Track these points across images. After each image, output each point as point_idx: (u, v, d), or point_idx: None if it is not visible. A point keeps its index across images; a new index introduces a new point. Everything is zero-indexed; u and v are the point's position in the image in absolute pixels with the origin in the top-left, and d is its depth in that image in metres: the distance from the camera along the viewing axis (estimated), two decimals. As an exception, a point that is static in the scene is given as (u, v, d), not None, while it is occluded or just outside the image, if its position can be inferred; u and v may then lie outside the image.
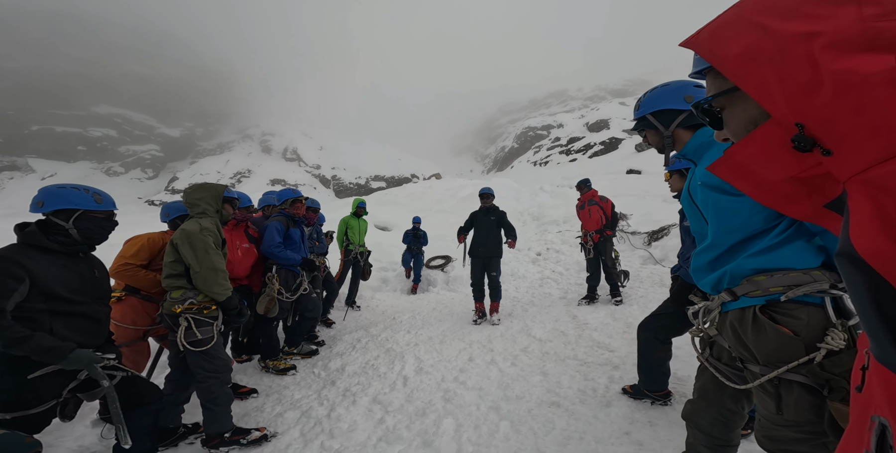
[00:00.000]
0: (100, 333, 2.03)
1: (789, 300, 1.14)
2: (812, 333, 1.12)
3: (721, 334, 1.39)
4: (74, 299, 1.86)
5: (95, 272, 2.01)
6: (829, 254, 1.17)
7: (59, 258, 1.84)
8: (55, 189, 1.91)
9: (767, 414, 1.24)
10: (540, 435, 2.39)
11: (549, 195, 13.50)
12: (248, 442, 2.48)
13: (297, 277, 3.73)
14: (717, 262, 1.31)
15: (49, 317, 1.77)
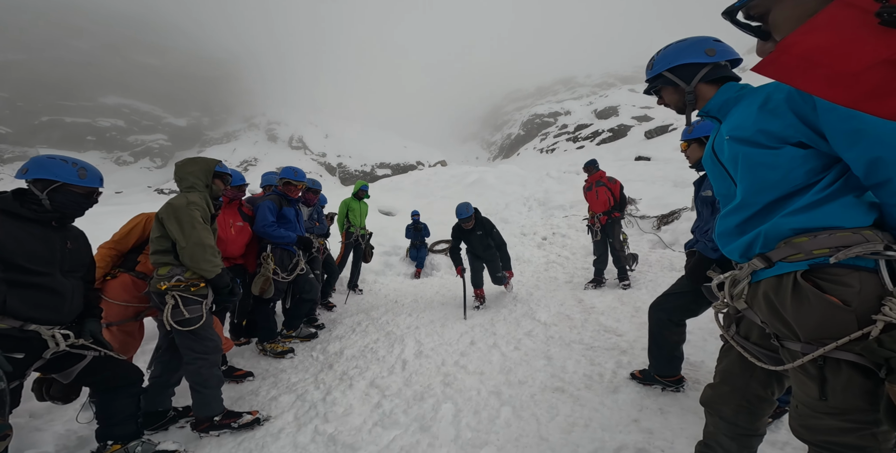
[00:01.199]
0: (63, 308, 1.87)
1: (838, 264, 0.97)
2: (866, 303, 0.95)
3: (752, 308, 1.21)
4: (36, 270, 1.73)
5: (68, 243, 1.89)
6: (882, 211, 1.00)
7: (29, 225, 1.75)
8: (43, 159, 1.84)
9: (807, 399, 1.07)
10: (543, 422, 2.28)
11: (556, 181, 13.21)
12: (239, 426, 2.40)
13: (294, 257, 3.61)
14: (748, 224, 1.14)
15: (4, 289, 1.65)
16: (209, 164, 2.48)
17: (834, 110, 0.92)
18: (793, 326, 1.07)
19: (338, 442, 2.27)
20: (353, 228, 5.52)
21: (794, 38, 0.50)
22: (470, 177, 15.25)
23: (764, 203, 1.10)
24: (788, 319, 1.07)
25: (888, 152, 0.87)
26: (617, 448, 1.98)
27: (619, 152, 26.80)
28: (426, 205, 11.80)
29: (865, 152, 0.90)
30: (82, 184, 1.89)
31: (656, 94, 1.43)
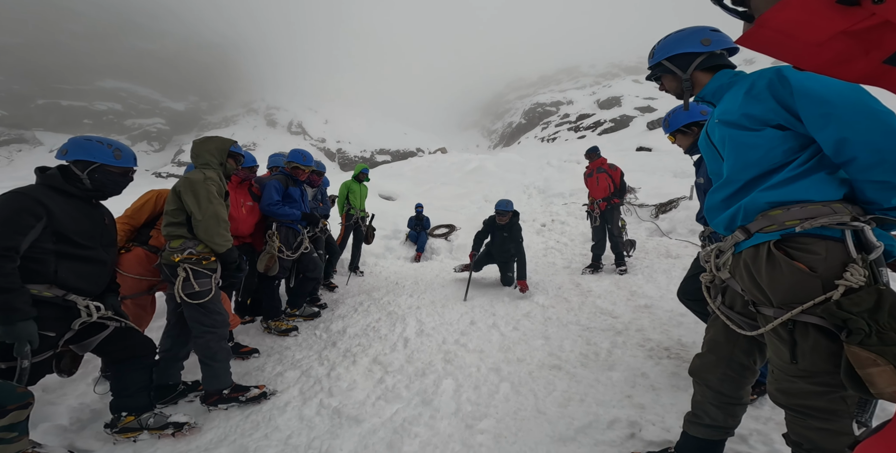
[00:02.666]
0: (101, 280, 1.98)
1: (806, 233, 1.06)
2: (830, 269, 1.03)
3: (734, 277, 1.30)
4: (84, 244, 1.84)
5: (105, 219, 2.00)
6: (851, 186, 1.07)
7: (75, 202, 1.84)
8: (82, 140, 1.92)
9: (781, 363, 1.15)
10: (540, 397, 2.35)
11: (556, 170, 13.17)
12: (246, 400, 2.47)
13: (298, 235, 3.66)
14: (732, 199, 1.24)
15: (55, 260, 1.74)
16: (225, 144, 2.53)
17: (807, 96, 1.02)
18: (767, 292, 1.14)
19: (342, 415, 2.34)
20: (353, 210, 5.54)
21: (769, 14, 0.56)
22: (470, 164, 15.17)
23: (746, 179, 1.19)
24: (763, 286, 1.15)
25: (853, 134, 0.97)
26: (610, 421, 2.06)
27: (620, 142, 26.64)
28: (426, 191, 11.77)
29: (833, 133, 0.99)
30: (118, 164, 1.96)
31: (657, 81, 1.51)
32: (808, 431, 1.17)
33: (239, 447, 2.13)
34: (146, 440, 2.18)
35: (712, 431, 1.51)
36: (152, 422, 2.18)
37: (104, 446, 2.14)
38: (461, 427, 2.15)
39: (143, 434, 2.17)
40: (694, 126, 2.48)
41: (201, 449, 2.13)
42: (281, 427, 2.29)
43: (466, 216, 8.95)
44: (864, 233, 1.04)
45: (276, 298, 3.60)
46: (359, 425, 2.24)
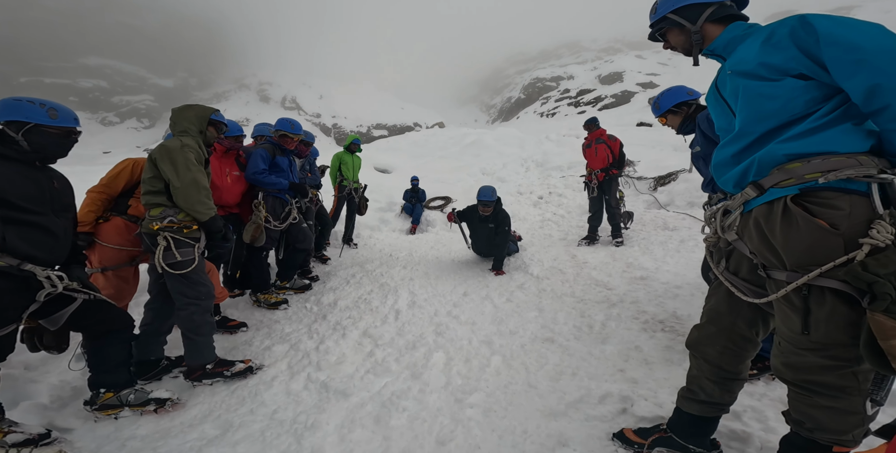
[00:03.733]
0: (56, 248, 1.84)
1: (828, 186, 0.96)
2: (854, 226, 0.93)
3: (742, 238, 1.17)
4: (30, 208, 1.70)
5: (55, 183, 1.85)
6: (879, 138, 0.98)
7: (15, 165, 1.71)
8: (11, 101, 1.78)
9: (790, 334, 1.05)
10: (532, 370, 2.28)
11: (555, 144, 12.79)
12: (231, 375, 2.38)
13: (286, 205, 3.52)
14: (744, 154, 1.13)
15: (1, 226, 1.63)
16: (205, 112, 2.40)
17: (835, 43, 0.93)
18: (780, 254, 1.04)
19: (330, 389, 2.27)
20: (345, 182, 5.38)
21: None
22: (468, 138, 14.74)
23: (761, 132, 1.08)
24: (777, 246, 1.04)
25: (886, 79, 0.88)
26: (602, 396, 2.00)
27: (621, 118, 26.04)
28: (423, 164, 11.47)
29: (865, 80, 0.90)
30: (55, 124, 1.79)
31: (661, 38, 1.39)
32: (813, 409, 1.07)
33: (224, 422, 2.06)
34: (128, 417, 2.10)
35: (707, 408, 1.42)
36: (133, 399, 2.08)
37: (85, 424, 2.06)
38: (451, 401, 2.09)
39: (124, 411, 2.08)
40: (684, 106, 2.48)
41: (185, 426, 2.06)
42: (267, 402, 2.21)
43: (462, 188, 8.76)
44: (892, 187, 0.94)
45: (264, 270, 3.49)
46: (346, 399, 2.17)
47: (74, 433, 2.02)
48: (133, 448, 1.90)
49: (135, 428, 2.05)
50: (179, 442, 1.92)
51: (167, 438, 1.96)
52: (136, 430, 2.03)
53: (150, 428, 2.05)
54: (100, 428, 2.05)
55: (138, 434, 2.01)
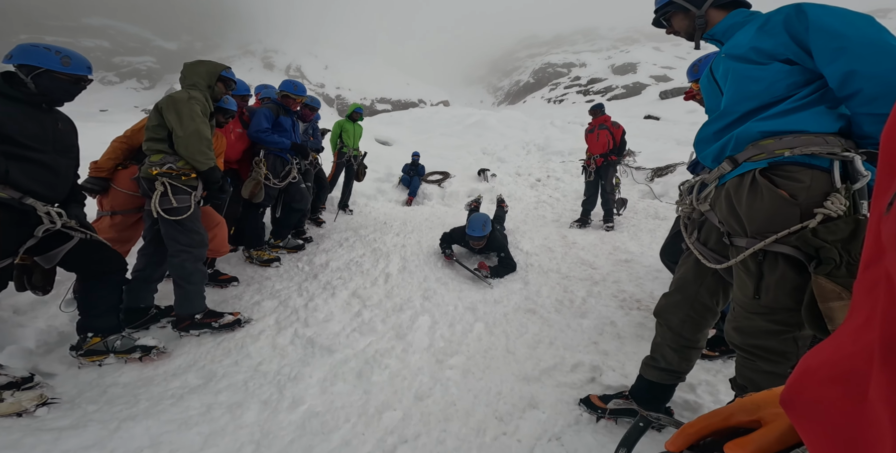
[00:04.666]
0: (57, 185, 1.89)
1: (794, 161, 1.03)
2: (812, 198, 1.01)
3: (713, 209, 1.25)
4: (33, 146, 1.76)
5: (59, 125, 1.90)
6: (849, 121, 1.05)
7: (21, 106, 1.75)
8: (28, 46, 1.83)
9: (744, 299, 1.15)
10: (512, 338, 2.34)
11: (559, 130, 12.63)
12: (219, 326, 2.40)
13: (286, 164, 3.55)
14: (725, 131, 1.20)
15: (4, 160, 1.69)
16: (216, 68, 2.43)
17: (823, 30, 1.00)
18: (743, 221, 1.11)
19: (315, 345, 2.31)
20: (345, 149, 5.35)
21: None
22: (472, 118, 14.49)
23: (743, 111, 1.14)
24: (741, 214, 1.11)
25: (862, 66, 0.95)
26: (574, 364, 2.06)
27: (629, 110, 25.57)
28: (424, 140, 11.29)
29: (843, 66, 0.96)
30: (65, 70, 1.83)
31: (666, 23, 1.42)
32: (755, 374, 1.18)
33: (207, 373, 2.09)
34: (112, 364, 2.11)
35: (665, 375, 1.52)
36: (119, 345, 2.09)
37: (68, 370, 2.08)
38: (432, 361, 2.14)
39: (108, 358, 2.09)
40: None
41: (168, 375, 2.08)
42: (252, 354, 2.25)
43: (462, 166, 8.67)
44: (853, 164, 1.01)
45: (259, 227, 3.52)
46: (331, 355, 2.21)
47: (57, 378, 2.03)
48: (114, 394, 1.91)
49: (118, 375, 2.06)
50: (161, 389, 1.95)
51: (149, 386, 1.98)
52: (119, 377, 2.05)
53: (132, 375, 2.07)
54: (83, 375, 2.06)
55: (120, 381, 2.02)
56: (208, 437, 1.62)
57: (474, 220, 3.40)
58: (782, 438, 0.48)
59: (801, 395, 0.37)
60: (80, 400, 1.86)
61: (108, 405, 1.84)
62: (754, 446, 0.50)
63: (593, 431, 1.63)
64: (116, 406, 1.83)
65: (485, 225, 3.37)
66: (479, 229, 3.34)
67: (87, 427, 1.66)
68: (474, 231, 3.34)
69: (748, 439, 0.51)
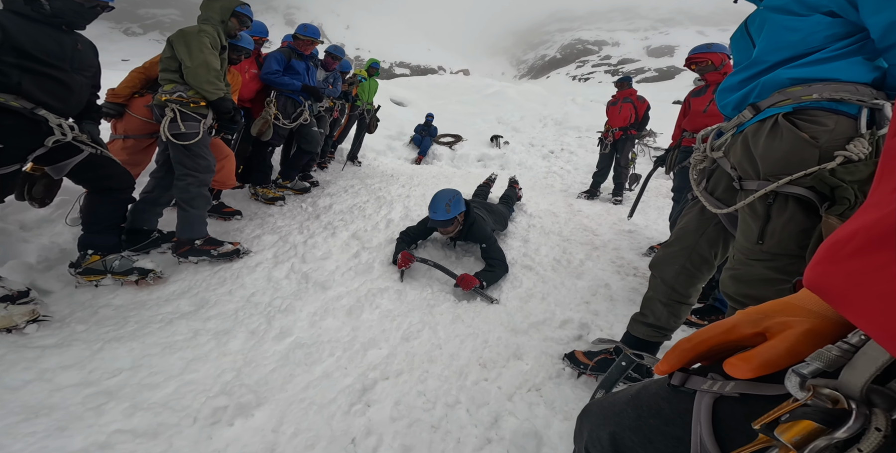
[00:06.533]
0: (70, 100, 1.93)
1: (820, 106, 0.98)
2: (833, 141, 0.97)
3: (727, 156, 1.20)
4: (48, 62, 1.79)
5: (78, 45, 1.93)
6: (884, 74, 1.01)
7: (40, 26, 1.78)
8: None
9: (745, 245, 1.11)
10: (505, 290, 2.30)
11: (580, 107, 12.00)
12: (218, 254, 2.38)
13: (298, 106, 3.53)
14: (751, 80, 1.14)
15: (19, 73, 1.73)
16: (231, 3, 2.41)
17: None
18: (757, 163, 1.07)
19: (310, 280, 2.29)
20: (359, 102, 5.24)
21: None
22: (491, 88, 13.89)
23: (774, 61, 1.09)
24: (756, 156, 1.07)
25: None
26: (564, 321, 2.01)
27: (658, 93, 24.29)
28: (440, 105, 10.89)
29: (888, 16, 0.91)
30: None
31: None
32: None
33: (200, 300, 2.07)
34: (108, 286, 2.10)
35: (652, 331, 1.50)
36: (117, 265, 2.08)
37: (64, 288, 2.08)
38: (423, 305, 2.11)
39: (106, 278, 2.09)
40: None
41: (161, 300, 2.06)
42: (247, 285, 2.23)
43: (475, 131, 8.41)
44: (881, 112, 0.96)
45: (267, 165, 3.56)
46: (324, 291, 2.19)
47: (52, 296, 2.03)
48: (104, 315, 1.91)
49: (111, 296, 2.05)
50: (152, 313, 1.94)
51: (140, 309, 1.97)
52: (113, 299, 2.03)
53: (126, 298, 2.05)
54: (78, 294, 2.06)
55: (113, 303, 2.01)
56: (190, 362, 1.61)
57: (436, 198, 2.48)
58: (793, 350, 0.41)
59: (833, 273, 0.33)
60: (70, 319, 1.87)
61: (97, 326, 1.84)
62: (759, 360, 0.42)
63: (573, 386, 1.60)
64: (105, 327, 1.83)
65: (450, 204, 2.43)
66: (442, 210, 2.40)
67: (70, 346, 1.66)
68: (435, 213, 2.42)
69: (752, 353, 0.42)
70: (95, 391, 1.43)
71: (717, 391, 0.49)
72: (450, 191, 2.57)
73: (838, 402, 0.33)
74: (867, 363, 0.33)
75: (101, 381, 1.48)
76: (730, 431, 0.46)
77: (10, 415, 1.29)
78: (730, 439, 0.45)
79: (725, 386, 0.48)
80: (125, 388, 1.46)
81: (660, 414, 0.58)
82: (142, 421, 1.29)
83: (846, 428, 0.32)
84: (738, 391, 0.47)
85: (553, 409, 1.46)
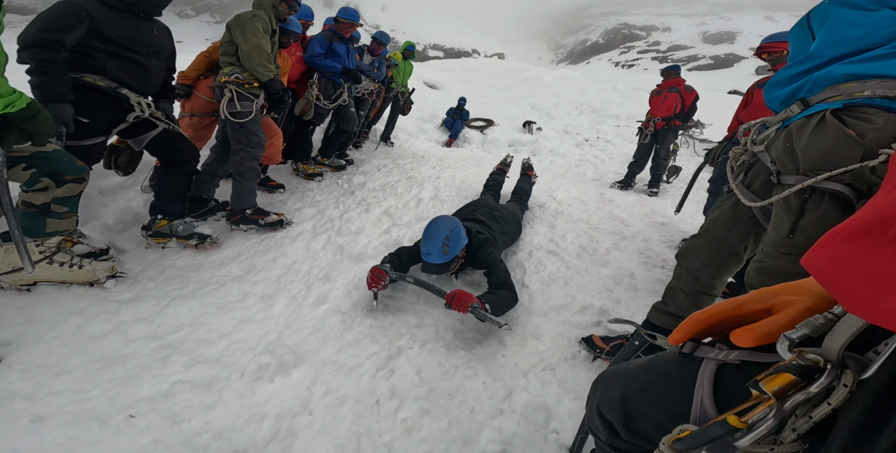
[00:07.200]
0: (148, 81, 2.15)
1: (872, 103, 0.94)
2: (879, 139, 0.93)
3: (768, 150, 1.18)
4: (130, 47, 2.00)
5: (154, 31, 2.11)
6: None
7: (120, 14, 1.96)
8: None
9: (776, 239, 1.11)
10: (529, 273, 2.32)
11: (620, 95, 11.32)
12: (265, 224, 2.59)
13: (338, 88, 3.70)
14: (804, 74, 1.10)
15: (105, 57, 1.94)
16: None
17: None
18: (798, 157, 1.05)
19: (344, 252, 2.43)
20: (394, 84, 5.34)
21: None
22: (526, 73, 13.44)
23: (832, 56, 1.05)
24: (797, 151, 1.05)
25: None
26: (584, 306, 2.02)
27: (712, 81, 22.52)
28: (473, 89, 10.70)
29: None
30: None
31: None
32: None
33: (248, 265, 2.27)
34: (172, 248, 2.35)
35: (672, 320, 1.48)
36: (181, 230, 2.32)
37: (136, 248, 2.34)
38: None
39: (171, 241, 2.34)
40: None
41: (216, 264, 2.28)
42: (289, 253, 2.41)
43: (508, 116, 8.25)
44: None
45: (308, 143, 3.78)
46: (357, 263, 2.32)
47: (127, 255, 2.28)
48: (170, 275, 2.14)
49: (175, 258, 2.29)
50: (208, 275, 2.15)
51: (199, 271, 2.19)
52: (176, 261, 2.28)
53: (187, 260, 2.29)
54: (148, 254, 2.31)
55: (177, 264, 2.25)
56: (240, 322, 1.78)
57: (430, 233, 1.93)
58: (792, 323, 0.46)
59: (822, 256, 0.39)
60: (141, 277, 2.09)
61: (164, 284, 2.06)
62: (762, 331, 0.48)
63: (587, 368, 1.63)
64: (170, 285, 2.05)
65: (449, 242, 1.88)
66: (437, 251, 1.86)
67: (143, 301, 1.87)
68: (429, 255, 1.88)
69: (756, 325, 0.49)
70: (162, 344, 1.61)
71: (721, 358, 0.55)
72: (447, 221, 1.98)
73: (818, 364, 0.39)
74: (844, 330, 0.39)
75: (166, 335, 1.66)
76: (727, 395, 0.52)
77: (91, 363, 1.47)
78: (727, 401, 0.51)
79: (730, 355, 0.54)
80: (186, 343, 1.62)
81: (668, 378, 0.64)
82: (198, 374, 1.44)
83: (818, 384, 0.38)
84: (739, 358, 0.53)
85: (565, 389, 1.51)
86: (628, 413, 0.67)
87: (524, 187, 3.18)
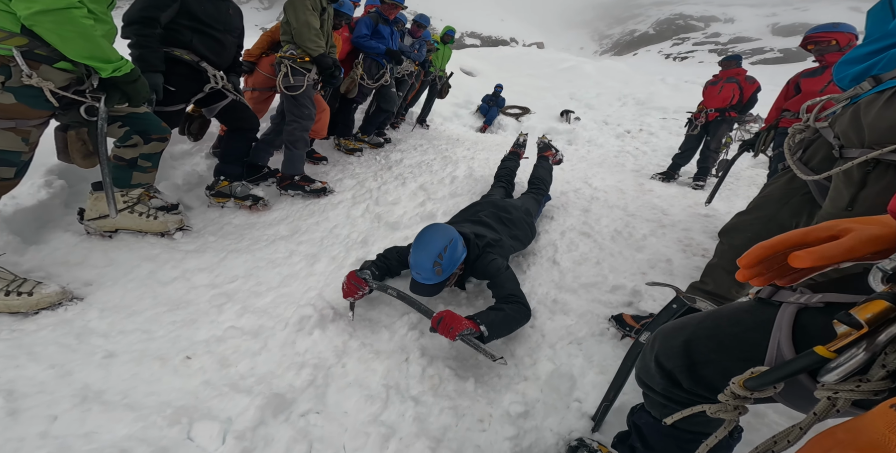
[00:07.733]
0: (223, 56, 2.36)
1: None
2: None
3: (832, 126, 1.15)
4: (210, 24, 2.22)
5: (230, 10, 2.33)
6: None
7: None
8: None
9: (832, 212, 1.08)
10: (561, 251, 2.31)
11: (670, 88, 10.64)
12: (310, 190, 2.79)
13: (381, 68, 3.86)
14: (878, 53, 1.06)
15: (191, 33, 2.17)
16: None
17: None
18: (864, 131, 1.02)
19: (381, 220, 2.54)
20: (432, 68, 5.44)
21: None
22: (566, 63, 12.92)
23: None
24: (864, 125, 1.02)
25: None
26: (615, 286, 1.99)
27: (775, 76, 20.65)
28: (509, 77, 10.43)
29: None
30: None
31: None
32: None
33: (294, 227, 2.46)
34: (230, 208, 2.59)
35: (710, 299, 1.46)
36: (239, 191, 2.56)
37: (200, 206, 2.59)
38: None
39: (229, 202, 2.58)
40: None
41: (266, 224, 2.49)
42: (330, 218, 2.58)
43: (544, 105, 8.05)
44: None
45: (350, 120, 3.97)
46: (393, 232, 2.42)
47: (192, 211, 2.53)
48: (227, 231, 2.36)
49: (232, 217, 2.53)
50: (259, 234, 2.36)
51: (252, 230, 2.40)
52: (233, 219, 2.51)
53: (242, 220, 2.51)
54: (209, 212, 2.55)
55: (233, 222, 2.48)
56: (285, 278, 1.91)
57: (421, 247, 1.60)
58: (854, 248, 0.45)
59: None
60: (204, 231, 2.32)
61: (222, 238, 2.27)
62: (821, 253, 0.48)
63: (614, 346, 1.61)
64: (227, 240, 2.25)
65: (442, 260, 1.56)
66: (429, 271, 1.55)
67: (205, 252, 2.06)
68: (419, 274, 1.58)
69: (818, 247, 0.48)
70: (219, 292, 1.76)
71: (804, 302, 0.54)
72: (442, 234, 1.63)
73: None
74: None
75: (223, 285, 1.82)
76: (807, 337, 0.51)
77: (159, 306, 1.63)
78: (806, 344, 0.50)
79: (813, 298, 0.53)
80: (239, 293, 1.77)
81: (740, 323, 0.63)
82: (248, 322, 1.56)
83: None
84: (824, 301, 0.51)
85: (591, 362, 1.51)
86: (692, 359, 0.66)
87: (541, 175, 2.71)
